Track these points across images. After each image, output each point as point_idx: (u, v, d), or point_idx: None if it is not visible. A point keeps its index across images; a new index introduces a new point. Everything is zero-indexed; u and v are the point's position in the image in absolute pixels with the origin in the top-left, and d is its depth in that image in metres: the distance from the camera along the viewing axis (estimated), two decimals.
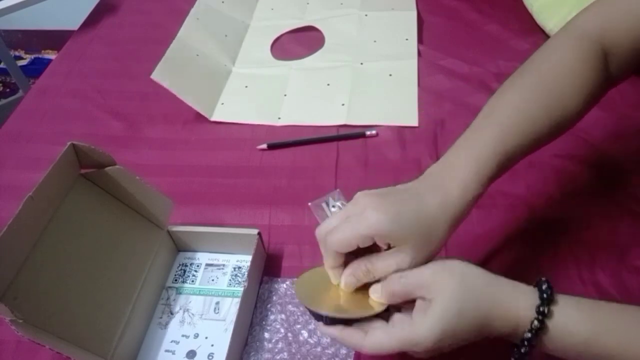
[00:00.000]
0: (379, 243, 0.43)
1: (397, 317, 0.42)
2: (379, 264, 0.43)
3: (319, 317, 0.43)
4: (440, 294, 0.40)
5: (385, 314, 0.43)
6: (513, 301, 0.40)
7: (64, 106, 0.86)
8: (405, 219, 0.42)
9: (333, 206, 0.66)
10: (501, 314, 0.40)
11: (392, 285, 0.42)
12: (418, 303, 0.41)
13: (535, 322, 0.39)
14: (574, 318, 0.40)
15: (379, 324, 0.42)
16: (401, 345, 0.40)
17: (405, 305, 0.43)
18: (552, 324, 0.39)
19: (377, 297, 0.43)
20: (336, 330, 0.43)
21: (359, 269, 0.44)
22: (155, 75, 0.77)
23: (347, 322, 0.42)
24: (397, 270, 0.42)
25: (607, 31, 0.50)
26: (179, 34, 0.88)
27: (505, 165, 0.46)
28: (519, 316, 0.40)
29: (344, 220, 0.44)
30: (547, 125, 0.48)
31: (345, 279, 0.45)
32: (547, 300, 0.39)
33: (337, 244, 0.43)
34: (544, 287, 0.40)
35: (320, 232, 0.45)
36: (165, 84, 0.77)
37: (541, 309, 0.39)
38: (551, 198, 0.64)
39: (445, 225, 0.43)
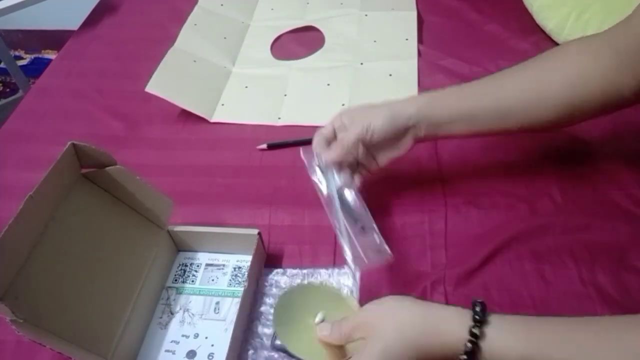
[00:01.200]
0: (347, 124, 0.59)
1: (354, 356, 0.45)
2: (344, 135, 0.59)
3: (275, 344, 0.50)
4: (373, 333, 0.44)
5: None
6: (448, 325, 0.42)
7: (64, 106, 0.86)
8: (362, 108, 0.60)
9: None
10: (434, 342, 0.42)
11: (338, 328, 0.47)
12: (360, 344, 0.45)
13: (468, 344, 0.41)
14: (506, 337, 0.41)
15: None
16: None
17: None
18: (486, 344, 0.41)
19: (324, 336, 0.48)
20: None
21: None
22: (150, 88, 0.78)
23: None
24: (355, 135, 0.57)
25: (622, 53, 0.52)
26: (175, 45, 0.88)
27: (464, 118, 0.57)
28: (454, 339, 0.41)
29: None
30: (519, 104, 0.56)
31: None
32: (479, 322, 0.41)
33: (321, 130, 0.61)
34: (477, 308, 0.42)
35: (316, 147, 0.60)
36: (160, 94, 0.78)
37: (473, 330, 0.41)
38: (551, 198, 0.64)
39: (387, 119, 0.57)
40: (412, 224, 0.63)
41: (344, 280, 0.58)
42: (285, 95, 0.84)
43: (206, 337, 0.55)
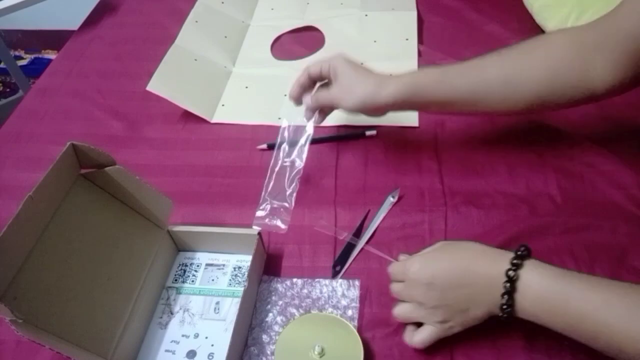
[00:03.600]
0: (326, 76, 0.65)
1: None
2: (320, 93, 0.66)
3: None
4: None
5: None
6: (494, 260, 0.47)
7: (64, 106, 0.86)
8: (354, 68, 0.63)
9: None
10: (484, 263, 0.48)
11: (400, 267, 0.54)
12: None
13: (507, 285, 0.45)
14: (543, 276, 0.45)
15: None
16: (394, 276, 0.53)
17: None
18: (523, 280, 0.45)
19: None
20: None
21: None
22: (151, 87, 0.78)
23: None
24: (327, 97, 0.65)
25: (602, 44, 0.54)
26: (176, 42, 0.88)
27: (440, 93, 0.61)
28: (498, 271, 0.46)
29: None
30: (497, 87, 0.59)
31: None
32: (516, 265, 0.45)
33: (309, 67, 0.66)
34: (521, 249, 0.47)
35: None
36: (162, 93, 0.78)
37: (509, 273, 0.45)
38: (551, 198, 0.64)
39: (368, 92, 0.61)
40: (412, 224, 0.63)
41: (345, 290, 0.58)
42: (285, 95, 0.84)
43: (206, 337, 0.55)
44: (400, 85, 0.61)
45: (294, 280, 0.59)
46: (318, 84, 0.68)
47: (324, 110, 0.68)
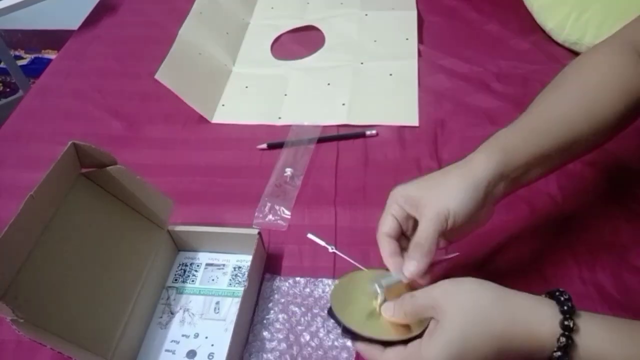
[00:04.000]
0: (412, 212, 0.46)
1: (416, 340, 0.41)
2: (417, 234, 0.45)
3: (344, 328, 0.43)
4: (448, 317, 0.38)
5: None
6: (533, 316, 0.37)
7: (64, 106, 0.86)
8: (426, 185, 0.47)
9: None
10: (520, 332, 0.37)
11: (404, 305, 0.42)
12: (430, 325, 0.40)
13: (562, 338, 0.36)
14: (606, 336, 0.37)
15: (398, 348, 0.41)
16: None
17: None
18: (582, 340, 0.36)
19: (389, 316, 0.43)
20: (359, 344, 0.43)
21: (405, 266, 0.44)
22: (159, 75, 0.77)
23: (371, 339, 0.42)
24: (433, 229, 0.44)
25: None
26: (181, 30, 0.88)
27: (540, 163, 0.48)
28: (543, 333, 0.37)
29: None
30: (585, 129, 0.48)
31: (386, 310, 0.44)
32: (569, 313, 0.37)
33: (381, 227, 0.47)
34: (562, 298, 0.37)
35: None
36: (168, 84, 0.78)
37: (565, 322, 0.36)
38: (551, 198, 0.64)
39: (463, 190, 0.45)
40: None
41: None
42: (285, 95, 0.84)
43: (206, 337, 0.55)
44: (492, 151, 0.47)
45: (297, 279, 0.59)
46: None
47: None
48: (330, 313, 0.44)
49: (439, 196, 0.45)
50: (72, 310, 0.48)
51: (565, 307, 0.37)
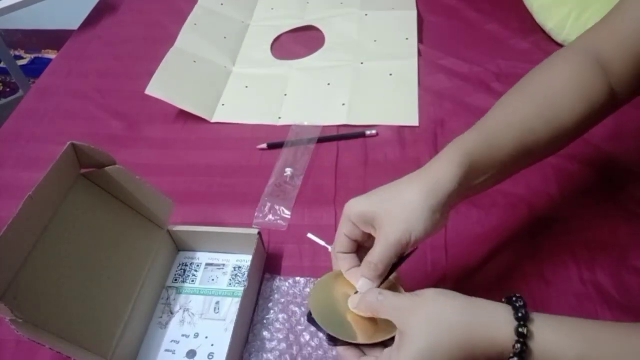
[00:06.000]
0: (366, 230, 0.45)
1: (385, 350, 0.41)
2: (372, 252, 0.44)
3: (325, 334, 0.44)
4: (414, 328, 0.39)
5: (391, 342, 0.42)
6: (492, 324, 0.38)
7: (64, 106, 0.86)
8: (377, 196, 0.45)
9: None
10: (481, 340, 0.38)
11: (370, 298, 0.42)
12: (397, 338, 0.40)
13: (517, 345, 0.37)
14: (560, 338, 0.38)
15: (376, 352, 0.42)
16: None
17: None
18: (536, 345, 0.37)
19: (354, 308, 0.44)
20: (339, 348, 0.43)
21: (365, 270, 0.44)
22: (150, 90, 0.78)
23: (350, 343, 0.43)
24: (387, 249, 0.43)
25: (605, 51, 0.50)
26: (175, 45, 0.89)
27: (499, 168, 0.47)
28: (500, 339, 0.38)
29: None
30: (545, 135, 0.48)
31: (352, 302, 0.45)
32: (523, 319, 0.38)
33: (335, 246, 0.47)
34: (517, 304, 0.38)
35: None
36: (161, 96, 0.78)
37: (520, 330, 0.37)
38: (551, 198, 0.64)
39: (423, 202, 0.43)
40: None
41: None
42: (285, 95, 0.84)
43: (206, 337, 0.55)
44: (454, 163, 0.45)
45: (297, 279, 0.59)
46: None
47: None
48: (310, 319, 0.44)
49: (400, 217, 0.43)
50: (71, 311, 0.48)
51: (520, 314, 0.38)
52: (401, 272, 0.47)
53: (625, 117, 0.73)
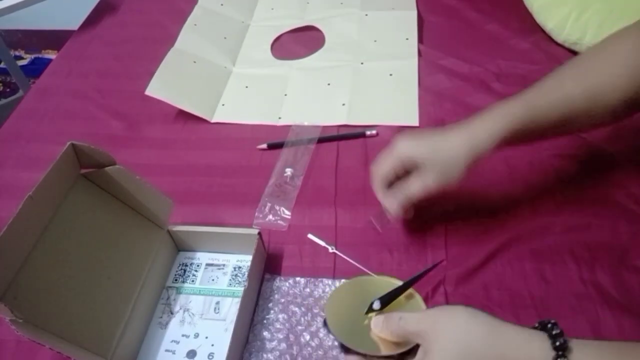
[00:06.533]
0: (409, 168, 0.52)
1: None
2: (410, 187, 0.52)
3: (339, 342, 0.45)
4: (438, 348, 0.38)
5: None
6: (525, 354, 0.36)
7: (64, 106, 0.86)
8: (428, 145, 0.52)
9: None
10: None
11: (391, 325, 0.42)
12: (419, 354, 0.40)
13: None
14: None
15: None
16: None
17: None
18: None
19: (378, 331, 0.44)
20: (350, 357, 0.44)
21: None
22: (150, 90, 0.78)
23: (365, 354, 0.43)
24: (424, 190, 0.51)
25: None
26: (175, 45, 0.89)
27: (532, 130, 0.51)
28: None
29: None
30: (582, 105, 0.51)
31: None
32: (561, 349, 0.36)
33: (376, 170, 0.55)
34: (554, 332, 0.36)
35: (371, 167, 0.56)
36: (160, 97, 0.78)
37: (557, 344, 0.36)
38: (551, 198, 0.64)
39: (464, 159, 0.50)
40: (412, 224, 0.63)
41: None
42: (285, 95, 0.84)
43: (206, 337, 0.55)
44: (496, 122, 0.51)
45: (297, 279, 0.59)
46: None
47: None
48: (326, 326, 0.46)
49: (442, 169, 0.51)
50: (71, 311, 0.48)
51: (558, 343, 0.36)
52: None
53: None
